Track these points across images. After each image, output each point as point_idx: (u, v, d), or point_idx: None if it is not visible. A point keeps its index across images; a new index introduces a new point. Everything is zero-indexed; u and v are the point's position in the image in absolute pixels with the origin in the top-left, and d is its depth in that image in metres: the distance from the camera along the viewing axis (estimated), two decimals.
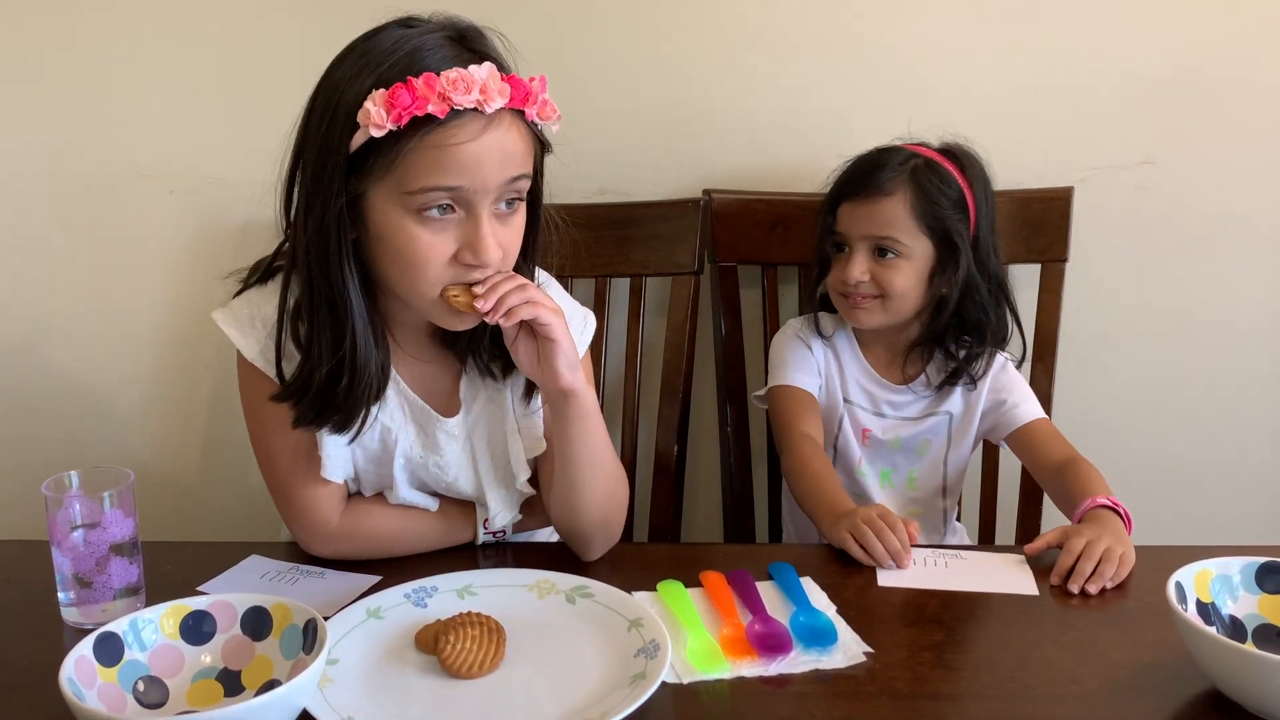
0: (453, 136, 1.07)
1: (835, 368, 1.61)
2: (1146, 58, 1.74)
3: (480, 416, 1.30)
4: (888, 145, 1.55)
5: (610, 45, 1.73)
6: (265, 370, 1.22)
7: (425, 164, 1.08)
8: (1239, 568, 1.10)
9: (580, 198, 1.74)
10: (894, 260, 1.49)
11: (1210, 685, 1.02)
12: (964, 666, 1.08)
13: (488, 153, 1.09)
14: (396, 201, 1.10)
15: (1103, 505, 1.34)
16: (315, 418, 1.19)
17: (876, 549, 1.26)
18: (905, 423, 1.60)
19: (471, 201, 1.11)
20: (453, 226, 1.12)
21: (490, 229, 1.12)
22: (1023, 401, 1.57)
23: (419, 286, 1.14)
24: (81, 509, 1.13)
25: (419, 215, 1.10)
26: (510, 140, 1.11)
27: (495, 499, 1.30)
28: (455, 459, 1.29)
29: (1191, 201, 1.79)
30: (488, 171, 1.09)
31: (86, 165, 1.74)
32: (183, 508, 1.86)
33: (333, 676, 1.04)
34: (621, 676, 1.04)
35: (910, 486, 1.62)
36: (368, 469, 1.29)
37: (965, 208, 1.51)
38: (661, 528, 1.76)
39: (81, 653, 0.97)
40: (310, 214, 1.12)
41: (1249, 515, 1.92)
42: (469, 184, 1.09)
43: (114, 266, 1.78)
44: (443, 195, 1.09)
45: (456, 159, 1.08)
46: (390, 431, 1.26)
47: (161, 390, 1.84)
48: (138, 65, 1.70)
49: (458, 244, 1.12)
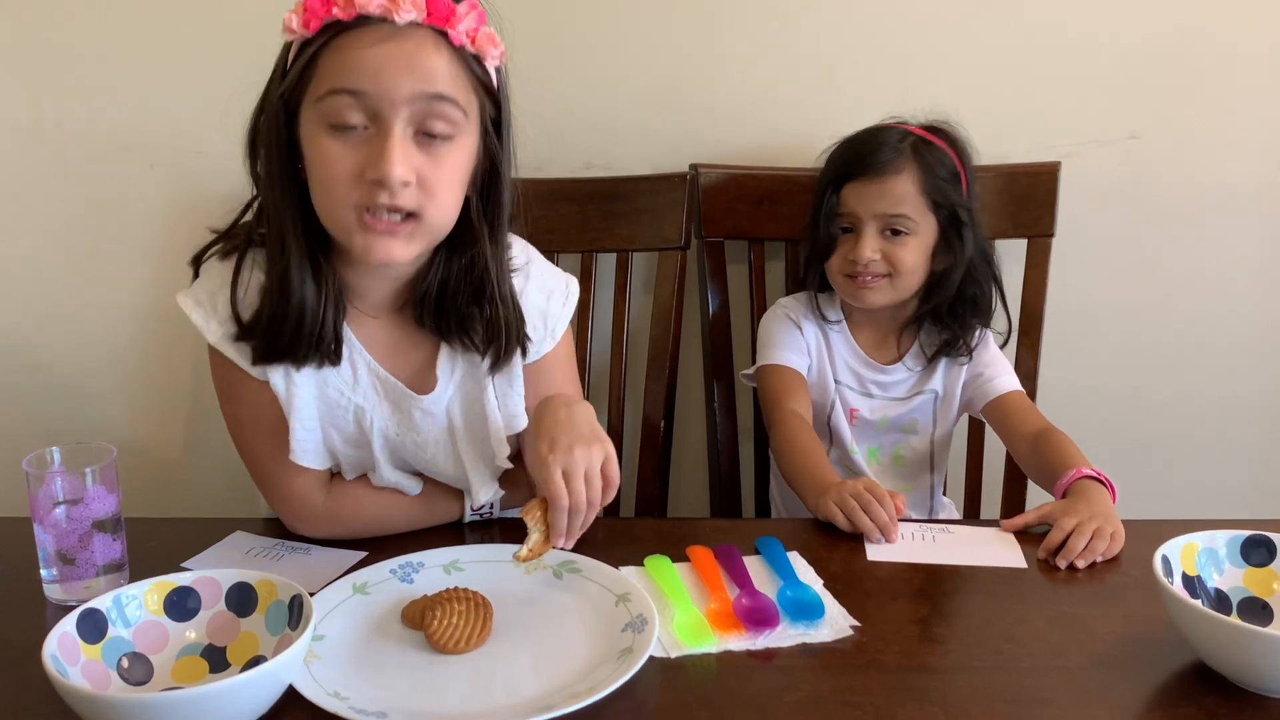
0: (357, 40, 1.07)
1: (825, 348, 1.61)
2: (1131, 31, 1.74)
3: (458, 394, 1.27)
4: (880, 125, 1.55)
5: (597, 19, 1.71)
6: (230, 354, 1.21)
7: (332, 67, 1.08)
8: (1224, 541, 1.10)
9: (567, 172, 1.73)
10: (904, 238, 1.51)
11: (1195, 658, 1.03)
12: (951, 639, 1.08)
13: (391, 60, 1.07)
14: (314, 116, 1.09)
15: (1087, 476, 1.34)
16: (265, 354, 1.19)
17: (863, 522, 1.26)
18: (893, 403, 1.60)
19: (380, 113, 1.08)
20: (362, 142, 1.09)
21: (401, 148, 1.08)
22: (1000, 374, 1.58)
23: (331, 205, 1.11)
24: (64, 485, 1.12)
25: (330, 129, 1.09)
26: (423, 55, 1.08)
27: (476, 477, 1.29)
28: (434, 437, 1.28)
29: (1178, 176, 1.80)
30: (392, 79, 1.07)
31: (66, 139, 1.73)
32: (166, 484, 1.86)
33: (319, 652, 1.04)
34: (609, 651, 1.04)
35: (897, 463, 1.62)
36: (347, 452, 1.28)
37: (960, 181, 1.53)
38: (649, 503, 1.76)
39: (64, 629, 0.96)
40: (260, 147, 1.15)
41: (1235, 489, 1.93)
42: (372, 89, 1.07)
43: (95, 241, 1.77)
44: (347, 101, 1.07)
45: (360, 60, 1.06)
46: (364, 411, 1.25)
47: (144, 365, 1.83)
48: (117, 37, 1.69)
49: (363, 159, 1.09)
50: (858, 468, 1.60)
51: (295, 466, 1.24)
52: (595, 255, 1.73)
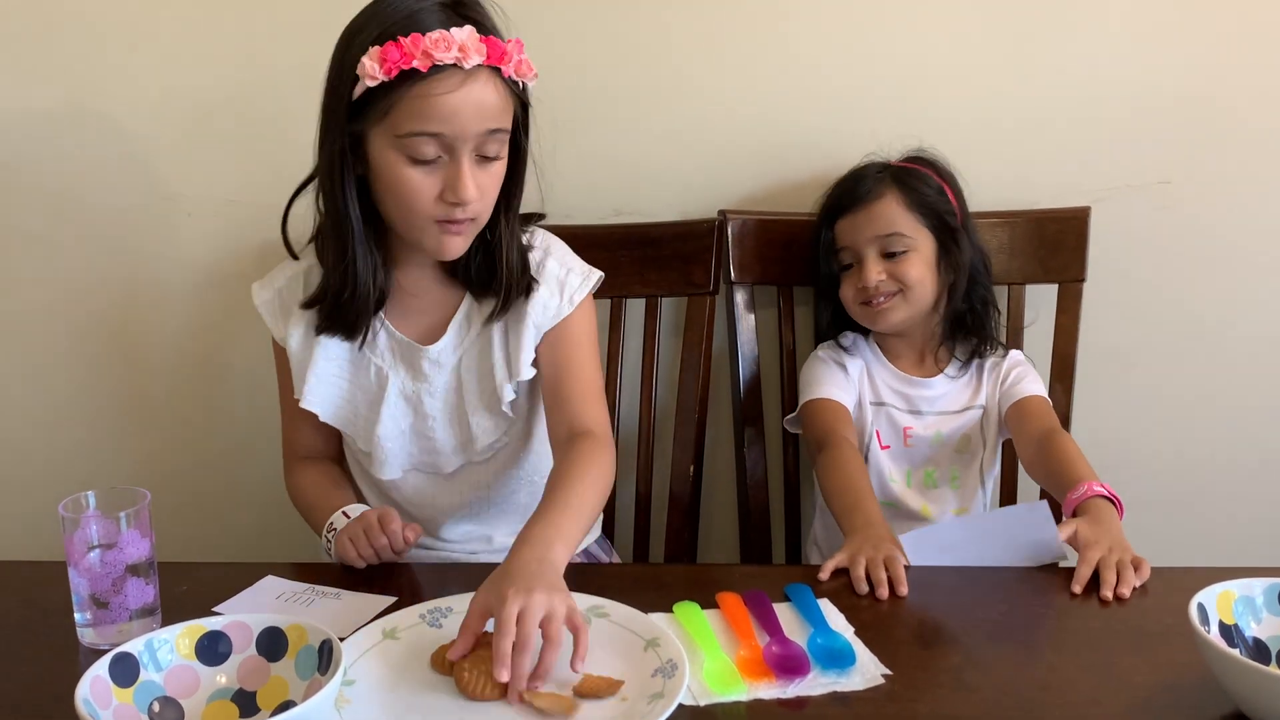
0: (434, 88, 1.22)
1: (866, 381, 1.65)
2: (1162, 77, 1.74)
3: (471, 350, 1.41)
4: (858, 164, 1.64)
5: (626, 66, 1.73)
6: (265, 317, 1.43)
7: (411, 111, 1.23)
8: (1262, 589, 1.09)
9: (596, 218, 1.74)
10: (904, 256, 1.57)
11: (1233, 708, 1.01)
12: (984, 688, 1.07)
13: (465, 104, 1.24)
14: (390, 143, 1.26)
15: (1098, 494, 1.36)
16: (328, 325, 1.38)
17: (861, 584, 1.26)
18: (944, 417, 1.63)
19: (454, 147, 1.26)
20: (439, 169, 1.27)
21: (470, 173, 1.27)
22: (1024, 379, 1.62)
23: (411, 218, 1.30)
24: (98, 529, 1.14)
25: (409, 159, 1.26)
26: (487, 94, 1.25)
27: (478, 423, 1.41)
28: (441, 385, 1.41)
29: (1209, 221, 1.79)
30: (465, 120, 1.24)
31: (105, 187, 1.76)
32: (200, 528, 1.87)
33: (349, 697, 1.04)
34: (639, 696, 1.03)
35: (952, 484, 1.63)
36: (367, 414, 1.42)
37: (946, 195, 1.59)
38: (677, 549, 1.76)
39: (97, 673, 0.97)
40: (322, 151, 1.30)
41: (1271, 536, 1.90)
42: (449, 131, 1.24)
43: (132, 288, 1.80)
44: (427, 140, 1.25)
45: (438, 108, 1.23)
46: (383, 371, 1.41)
47: (179, 411, 1.85)
48: (154, 86, 1.72)
49: (442, 185, 1.27)
50: (894, 496, 1.62)
51: (296, 421, 1.46)
52: (624, 301, 1.74)
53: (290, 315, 1.42)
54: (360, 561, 1.31)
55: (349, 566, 1.32)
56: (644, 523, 1.77)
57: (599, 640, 1.13)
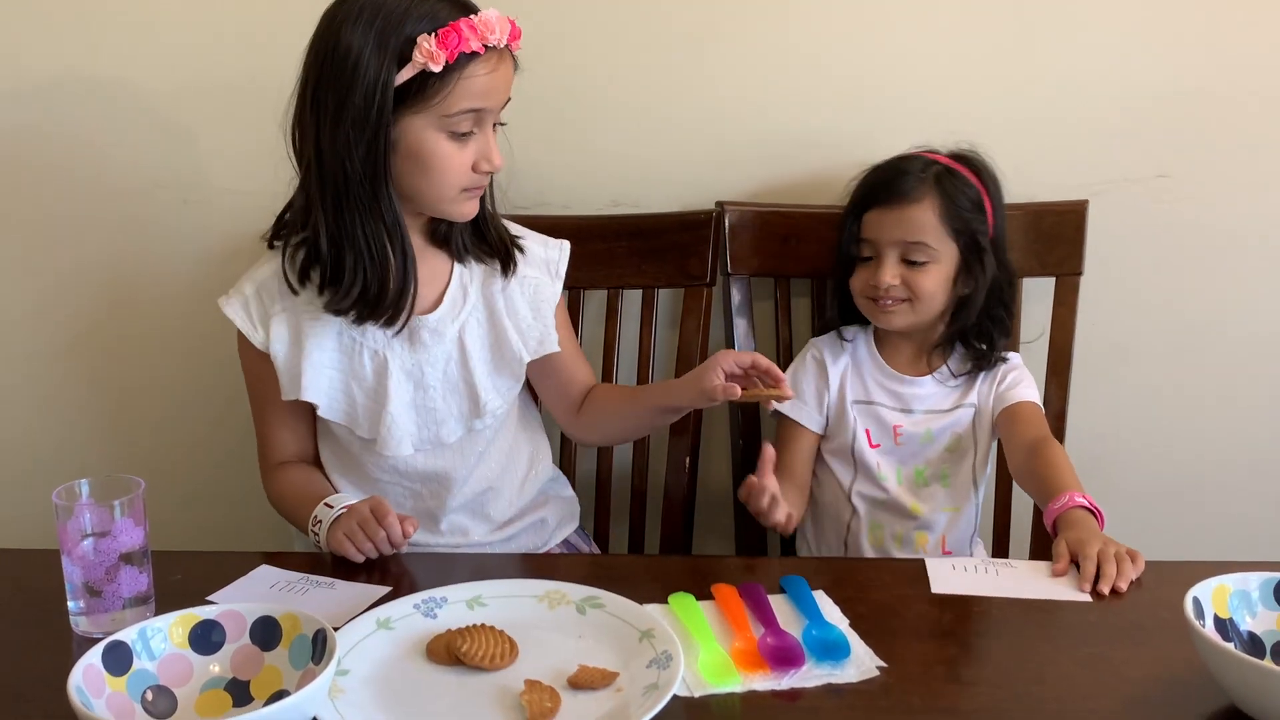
0: (482, 68, 1.32)
1: (851, 380, 1.62)
2: (1160, 71, 1.73)
3: (474, 314, 1.46)
4: (906, 153, 1.58)
5: (623, 58, 1.73)
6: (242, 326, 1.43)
7: (465, 91, 1.31)
8: (1257, 583, 1.09)
9: (593, 209, 1.74)
10: (924, 266, 1.52)
11: (1228, 702, 1.01)
12: (979, 681, 1.07)
13: (502, 80, 1.35)
14: (433, 123, 1.32)
15: (1079, 505, 1.35)
16: (370, 315, 1.38)
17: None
18: (934, 415, 1.61)
19: (485, 120, 1.36)
20: (470, 141, 1.36)
21: (495, 141, 1.39)
22: (1019, 384, 1.60)
23: (443, 190, 1.37)
24: (92, 518, 1.13)
25: (450, 134, 1.34)
26: (509, 69, 1.37)
27: (488, 387, 1.45)
28: (441, 354, 1.44)
29: (1207, 215, 1.78)
30: (500, 95, 1.36)
31: (100, 175, 1.75)
32: (193, 517, 1.86)
33: (343, 687, 1.04)
34: (634, 687, 1.03)
35: (944, 483, 1.62)
36: (365, 403, 1.43)
37: (984, 209, 1.55)
38: (673, 540, 1.76)
39: (90, 661, 0.97)
40: (354, 149, 1.31)
41: (1266, 530, 1.90)
42: (489, 105, 1.34)
43: (127, 275, 1.79)
44: (468, 116, 1.33)
45: (484, 86, 1.32)
46: (379, 353, 1.42)
47: (173, 399, 1.85)
48: (152, 74, 1.71)
49: (475, 155, 1.36)
50: (887, 493, 1.60)
51: (273, 426, 1.49)
52: (621, 292, 1.74)
53: (269, 319, 1.42)
54: (359, 556, 1.30)
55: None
56: (639, 514, 1.77)
57: (594, 631, 1.14)
